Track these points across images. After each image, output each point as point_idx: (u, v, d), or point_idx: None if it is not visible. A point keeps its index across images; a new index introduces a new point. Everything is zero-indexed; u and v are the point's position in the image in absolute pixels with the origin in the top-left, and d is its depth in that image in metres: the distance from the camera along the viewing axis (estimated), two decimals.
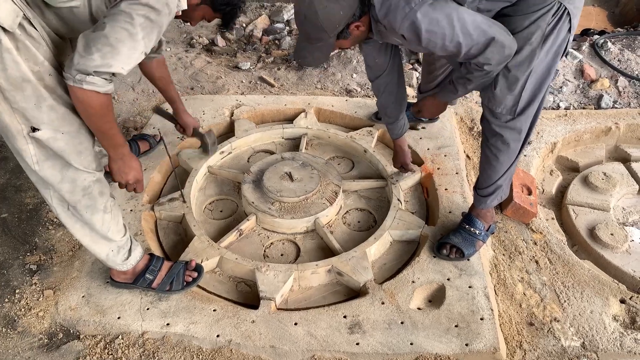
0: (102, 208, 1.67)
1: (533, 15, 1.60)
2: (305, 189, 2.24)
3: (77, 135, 1.53)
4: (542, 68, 1.69)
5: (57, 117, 1.46)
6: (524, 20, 1.62)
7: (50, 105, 1.43)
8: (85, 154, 1.57)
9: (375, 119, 2.75)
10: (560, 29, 1.64)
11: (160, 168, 2.48)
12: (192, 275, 1.92)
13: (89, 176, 1.60)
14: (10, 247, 2.17)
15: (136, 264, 1.85)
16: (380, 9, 1.56)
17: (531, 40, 1.63)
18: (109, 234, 1.73)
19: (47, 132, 1.46)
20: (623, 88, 3.11)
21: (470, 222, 2.02)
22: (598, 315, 1.88)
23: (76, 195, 1.61)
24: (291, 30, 3.80)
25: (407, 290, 1.88)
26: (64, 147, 1.51)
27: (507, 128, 1.80)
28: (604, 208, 2.40)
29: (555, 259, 2.10)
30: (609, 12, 4.76)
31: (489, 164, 1.92)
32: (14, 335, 1.83)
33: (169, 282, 1.88)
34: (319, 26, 1.56)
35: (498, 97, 1.75)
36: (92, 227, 1.69)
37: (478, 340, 1.71)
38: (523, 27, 1.62)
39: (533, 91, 1.73)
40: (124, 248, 1.81)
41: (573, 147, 2.81)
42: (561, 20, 1.62)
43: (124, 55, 1.39)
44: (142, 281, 1.87)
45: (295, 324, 1.79)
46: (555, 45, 1.67)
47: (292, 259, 2.12)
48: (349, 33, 1.63)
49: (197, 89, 3.19)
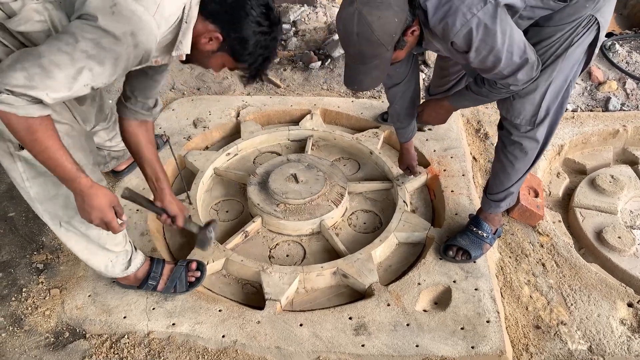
0: None
1: (566, 26, 1.55)
2: (311, 190, 2.24)
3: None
4: (562, 78, 1.65)
5: None
6: (555, 31, 1.57)
7: None
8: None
9: (381, 121, 2.74)
10: (586, 40, 1.59)
11: (166, 169, 2.48)
12: (195, 275, 1.92)
13: None
14: (17, 246, 2.18)
15: (137, 271, 1.84)
16: (435, 13, 1.43)
17: (557, 52, 1.59)
18: (107, 246, 1.70)
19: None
20: (631, 90, 3.09)
21: (477, 225, 2.01)
22: (605, 318, 1.87)
23: (70, 211, 1.53)
24: (297, 32, 3.80)
25: (412, 292, 1.88)
26: None
27: (527, 138, 1.76)
28: (611, 211, 2.38)
29: (562, 262, 2.09)
30: (617, 14, 4.73)
31: (504, 171, 1.90)
32: (20, 334, 1.84)
33: (172, 285, 1.88)
34: (375, 41, 1.43)
35: (517, 108, 1.72)
36: (88, 240, 1.65)
37: (484, 343, 1.70)
38: (553, 38, 1.58)
39: (552, 101, 1.69)
40: (124, 258, 1.78)
41: (580, 149, 2.80)
42: (589, 31, 1.58)
43: (57, 81, 1.17)
44: (146, 287, 1.87)
45: (301, 325, 1.79)
46: (580, 56, 1.63)
47: (297, 261, 2.12)
48: (405, 41, 1.51)
49: (204, 90, 3.20)
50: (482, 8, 1.37)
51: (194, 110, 2.84)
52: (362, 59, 1.49)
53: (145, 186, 2.35)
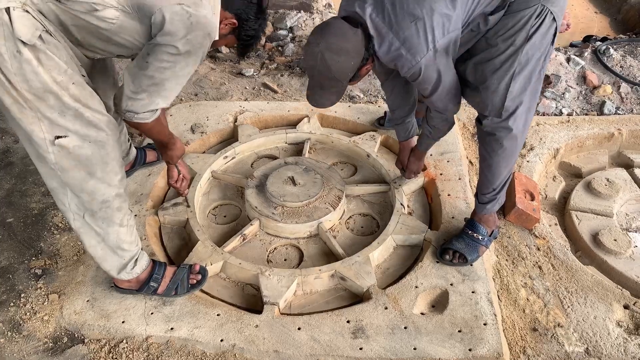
0: (118, 222, 1.69)
1: (517, 15, 1.64)
2: (309, 193, 2.25)
3: (104, 146, 1.55)
4: (527, 69, 1.71)
5: (83, 126, 1.49)
6: (507, 20, 1.66)
7: (74, 114, 1.46)
8: (111, 165, 1.59)
9: (378, 125, 2.76)
10: (545, 31, 1.66)
11: (164, 173, 2.49)
12: (196, 278, 1.92)
13: (110, 190, 1.61)
14: (16, 252, 2.18)
15: (141, 273, 1.86)
16: (384, 58, 1.69)
17: (515, 42, 1.66)
18: (123, 245, 1.74)
19: (73, 139, 1.48)
20: (625, 94, 3.11)
21: (473, 228, 2.03)
22: (602, 320, 1.88)
23: (94, 206, 1.62)
24: (294, 37, 3.82)
25: (410, 295, 1.89)
26: (90, 156, 1.53)
27: (500, 127, 1.81)
28: (607, 214, 2.40)
29: (558, 265, 2.10)
30: (611, 19, 4.77)
31: (487, 166, 1.94)
32: (19, 339, 1.84)
33: (173, 287, 1.88)
34: (333, 77, 1.66)
35: (484, 101, 1.79)
36: (105, 238, 1.70)
37: (481, 346, 1.71)
38: (507, 28, 1.66)
39: (520, 92, 1.74)
40: (133, 259, 1.81)
41: (576, 153, 2.82)
42: (544, 22, 1.64)
43: (168, 91, 1.59)
44: (147, 289, 1.87)
45: (299, 328, 1.79)
46: (541, 47, 1.69)
47: (295, 264, 2.12)
48: (359, 75, 1.74)
49: (201, 95, 3.21)
50: (424, 55, 1.62)
51: (191, 115, 2.85)
52: (321, 86, 1.74)
53: (143, 192, 2.37)
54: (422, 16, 1.58)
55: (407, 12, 1.59)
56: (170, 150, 2.00)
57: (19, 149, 2.79)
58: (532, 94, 1.78)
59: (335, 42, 1.61)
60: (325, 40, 1.62)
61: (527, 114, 1.81)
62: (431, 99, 1.83)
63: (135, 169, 2.46)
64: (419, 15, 1.58)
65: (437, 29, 1.59)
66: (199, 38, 1.52)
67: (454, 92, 1.84)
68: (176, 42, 1.49)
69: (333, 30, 1.63)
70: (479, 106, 1.84)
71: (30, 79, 1.36)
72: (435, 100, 1.84)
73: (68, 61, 1.45)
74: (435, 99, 1.83)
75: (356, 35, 1.62)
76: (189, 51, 1.53)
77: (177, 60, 1.52)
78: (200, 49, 1.56)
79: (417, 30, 1.59)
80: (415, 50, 1.61)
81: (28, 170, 2.63)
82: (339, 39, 1.61)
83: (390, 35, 1.62)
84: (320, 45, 1.62)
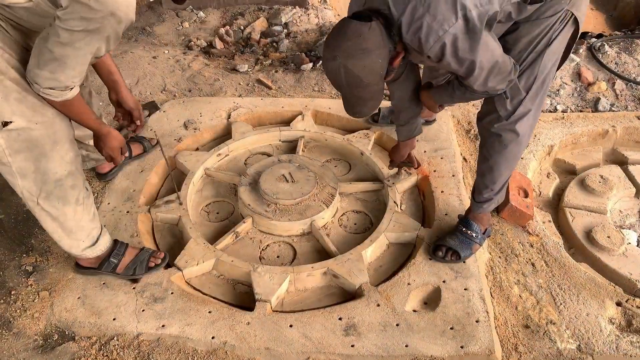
0: (73, 201, 1.72)
1: (544, 22, 1.60)
2: (302, 191, 2.24)
3: (51, 125, 1.56)
4: (543, 75, 1.69)
5: (27, 108, 1.49)
6: (532, 26, 1.62)
7: (17, 97, 1.47)
8: (61, 143, 1.61)
9: (372, 122, 2.75)
10: (564, 36, 1.64)
11: (157, 170, 2.48)
12: (155, 262, 1.96)
13: (62, 168, 1.63)
14: (7, 249, 2.17)
15: (105, 250, 1.90)
16: (408, 31, 1.47)
17: (537, 48, 1.63)
18: (81, 223, 1.78)
19: (20, 122, 1.50)
20: (620, 91, 3.11)
21: (466, 225, 2.02)
22: (594, 318, 1.88)
23: (48, 186, 1.64)
24: (289, 33, 3.80)
25: (402, 292, 1.88)
26: (39, 137, 1.54)
27: (506, 130, 1.79)
28: (600, 211, 2.40)
29: (551, 262, 2.10)
30: (607, 15, 4.77)
31: (488, 167, 1.92)
32: (9, 337, 1.83)
33: (132, 267, 1.93)
34: (367, 84, 1.50)
35: (499, 102, 1.76)
36: (63, 219, 1.73)
37: (473, 343, 1.71)
38: (533, 35, 1.62)
39: (534, 96, 1.72)
40: (95, 237, 1.86)
41: (570, 149, 2.81)
42: (567, 27, 1.62)
43: (70, 69, 1.42)
44: (107, 265, 1.92)
45: (291, 326, 1.79)
46: (559, 51, 1.67)
47: (288, 261, 2.12)
48: (393, 68, 1.56)
49: (195, 91, 3.20)
50: (453, 24, 1.41)
51: (184, 112, 2.84)
52: (358, 98, 1.56)
53: (135, 188, 2.36)
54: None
55: None
56: (104, 141, 1.77)
57: None
58: (541, 99, 1.76)
59: (352, 47, 1.44)
60: (342, 50, 1.45)
61: (534, 119, 1.79)
62: (468, 81, 1.60)
63: (125, 162, 2.46)
64: None
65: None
66: (97, 17, 1.34)
67: (497, 70, 1.57)
68: (73, 18, 1.33)
69: (346, 34, 1.45)
70: (492, 108, 1.78)
71: None
72: (473, 82, 1.60)
73: (3, 45, 1.43)
74: (473, 81, 1.59)
75: (372, 30, 1.43)
76: (87, 30, 1.36)
77: (75, 38, 1.36)
78: (103, 29, 1.37)
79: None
80: (442, 17, 1.40)
81: None
82: (356, 42, 1.43)
83: (413, 2, 1.42)
84: (337, 58, 1.46)
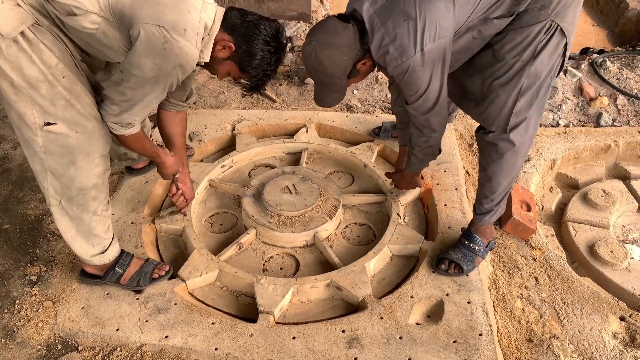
0: (92, 210, 1.76)
1: (525, 30, 1.64)
2: (305, 203, 2.25)
3: (89, 137, 1.63)
4: (536, 85, 1.70)
5: (71, 116, 1.56)
6: (515, 34, 1.66)
7: (64, 105, 1.54)
8: (93, 156, 1.66)
9: (373, 135, 2.77)
10: (554, 47, 1.65)
11: (161, 181, 2.50)
12: (160, 273, 1.97)
13: (88, 180, 1.69)
14: (11, 258, 2.18)
15: (112, 259, 1.93)
16: (376, 53, 1.68)
17: (522, 57, 1.66)
18: (94, 232, 1.81)
19: (61, 127, 1.56)
20: (622, 106, 3.13)
21: (469, 238, 2.03)
22: (597, 332, 1.87)
23: (71, 192, 1.69)
24: (293, 47, 3.84)
25: (405, 305, 1.88)
26: (74, 146, 1.60)
27: (502, 139, 1.80)
28: (603, 225, 2.40)
29: (554, 276, 2.10)
30: (608, 32, 4.81)
31: (486, 177, 1.93)
32: (12, 346, 1.83)
33: (137, 279, 1.93)
34: (329, 74, 1.69)
35: (489, 114, 1.78)
36: (79, 223, 1.77)
37: (476, 356, 1.71)
38: (515, 43, 1.66)
39: (526, 106, 1.73)
40: (105, 246, 1.88)
41: (573, 164, 2.83)
42: (553, 38, 1.64)
43: (137, 111, 1.62)
44: (112, 275, 1.93)
45: (294, 338, 1.79)
46: (550, 63, 1.68)
47: (291, 273, 2.12)
48: (357, 71, 1.75)
49: (200, 104, 3.23)
50: (412, 56, 1.61)
51: (189, 123, 2.86)
52: (321, 85, 1.77)
53: (139, 199, 2.37)
54: (415, 17, 1.58)
55: (402, 10, 1.59)
56: (160, 168, 2.04)
57: (16, 156, 2.79)
58: (539, 109, 1.77)
59: (325, 38, 1.65)
60: (317, 38, 1.67)
61: (531, 129, 1.80)
62: (413, 106, 1.80)
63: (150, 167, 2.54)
64: (413, 15, 1.58)
65: (427, 33, 1.59)
66: (168, 67, 1.51)
67: (438, 109, 1.80)
68: (144, 65, 1.48)
69: (324, 27, 1.68)
70: (484, 120, 1.83)
71: (25, 67, 1.44)
72: (416, 109, 1.81)
73: (60, 56, 1.51)
74: (417, 107, 1.80)
75: (347, 30, 1.64)
76: (156, 77, 1.52)
77: (144, 83, 1.54)
78: (168, 77, 1.55)
79: (408, 29, 1.59)
80: (402, 49, 1.61)
81: (25, 177, 2.63)
82: (329, 35, 1.65)
83: (382, 31, 1.62)
84: (312, 43, 1.67)
